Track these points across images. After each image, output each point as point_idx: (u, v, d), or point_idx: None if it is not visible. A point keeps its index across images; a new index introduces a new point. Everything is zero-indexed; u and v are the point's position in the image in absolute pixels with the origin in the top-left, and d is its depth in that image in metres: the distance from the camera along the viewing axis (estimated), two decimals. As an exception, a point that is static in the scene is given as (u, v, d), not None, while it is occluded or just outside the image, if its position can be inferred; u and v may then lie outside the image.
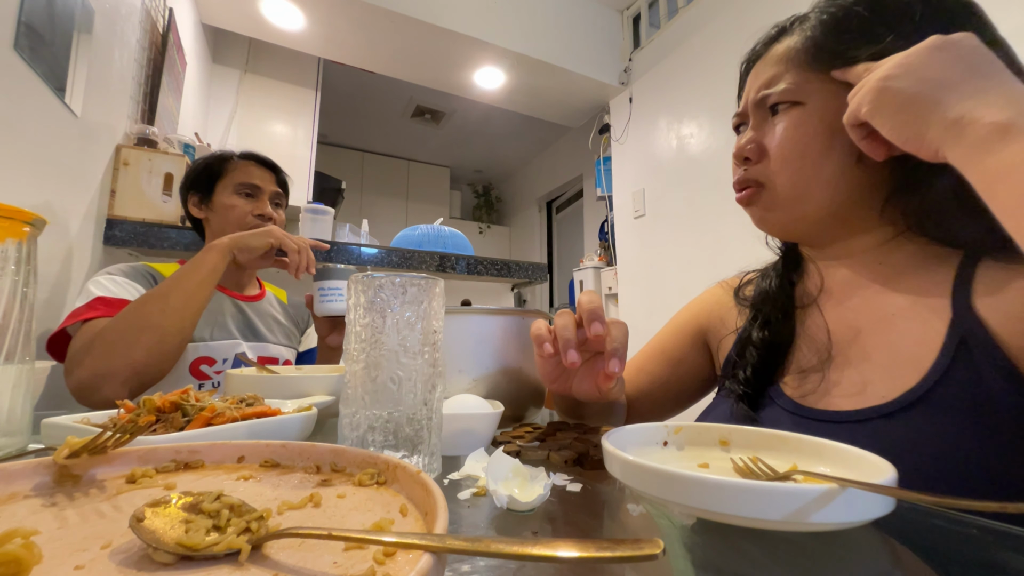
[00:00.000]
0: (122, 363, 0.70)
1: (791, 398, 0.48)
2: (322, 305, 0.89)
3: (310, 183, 2.75)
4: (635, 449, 0.35)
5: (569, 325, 0.45)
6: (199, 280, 0.79)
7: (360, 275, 0.36)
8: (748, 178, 0.51)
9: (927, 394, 0.39)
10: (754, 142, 0.50)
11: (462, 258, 1.62)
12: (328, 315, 0.91)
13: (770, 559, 0.24)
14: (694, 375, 0.64)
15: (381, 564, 0.17)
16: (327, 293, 0.90)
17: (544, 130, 4.14)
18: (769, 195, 0.50)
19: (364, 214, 3.39)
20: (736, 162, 0.53)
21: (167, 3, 1.65)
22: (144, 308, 0.74)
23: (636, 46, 2.71)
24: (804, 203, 0.48)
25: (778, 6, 0.80)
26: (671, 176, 2.40)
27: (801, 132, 0.47)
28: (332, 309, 0.90)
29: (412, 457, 0.34)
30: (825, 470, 0.30)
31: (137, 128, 1.34)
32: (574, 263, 3.28)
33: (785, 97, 0.47)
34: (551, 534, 0.27)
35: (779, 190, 0.49)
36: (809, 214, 0.49)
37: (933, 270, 0.45)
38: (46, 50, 0.88)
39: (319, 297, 0.90)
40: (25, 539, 0.17)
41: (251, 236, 0.85)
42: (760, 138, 0.50)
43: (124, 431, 0.28)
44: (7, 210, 0.38)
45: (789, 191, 0.48)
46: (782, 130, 0.48)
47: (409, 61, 2.50)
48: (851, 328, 0.48)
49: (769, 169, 0.49)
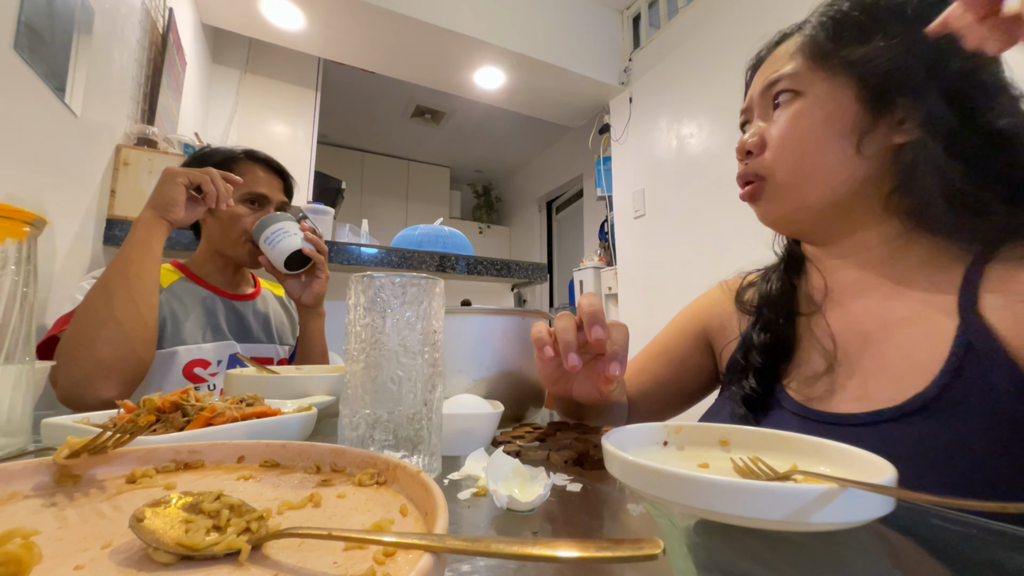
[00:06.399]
0: (91, 364, 0.67)
1: (798, 401, 0.48)
2: (275, 250, 0.83)
3: (310, 183, 2.75)
4: (635, 449, 0.35)
5: (569, 328, 0.44)
6: (136, 259, 0.73)
7: (360, 275, 0.36)
8: (749, 171, 0.52)
9: (935, 399, 0.39)
10: (756, 135, 0.51)
11: (462, 258, 1.62)
12: (286, 256, 0.86)
13: (770, 559, 0.24)
14: (696, 375, 0.64)
15: (381, 564, 0.17)
16: (271, 238, 0.85)
17: (544, 130, 4.14)
18: (771, 187, 0.50)
19: (364, 214, 3.39)
20: (738, 157, 0.53)
21: (167, 3, 1.65)
22: (92, 304, 0.70)
23: (636, 46, 2.71)
24: (805, 192, 0.49)
25: (778, 6, 0.80)
26: (671, 176, 2.40)
27: (800, 122, 0.48)
28: (287, 247, 0.84)
29: (412, 457, 0.34)
30: (825, 470, 0.30)
31: (137, 128, 1.34)
32: (574, 263, 3.28)
33: (789, 83, 0.49)
34: (551, 534, 0.27)
35: (779, 180, 0.49)
36: (811, 204, 0.49)
37: (941, 271, 0.45)
38: (46, 50, 0.88)
39: (267, 248, 0.85)
40: (25, 539, 0.17)
41: (162, 189, 0.77)
42: (762, 131, 0.51)
43: (124, 431, 0.28)
44: (7, 210, 0.38)
45: (789, 180, 0.49)
46: (782, 121, 0.49)
47: (409, 61, 2.50)
48: (858, 332, 0.48)
49: (770, 161, 0.50)
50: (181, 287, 0.91)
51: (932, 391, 0.40)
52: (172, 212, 0.76)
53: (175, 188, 0.76)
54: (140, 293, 0.73)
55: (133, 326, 0.71)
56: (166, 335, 0.84)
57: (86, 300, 0.71)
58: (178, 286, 0.91)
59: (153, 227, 0.76)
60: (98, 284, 0.72)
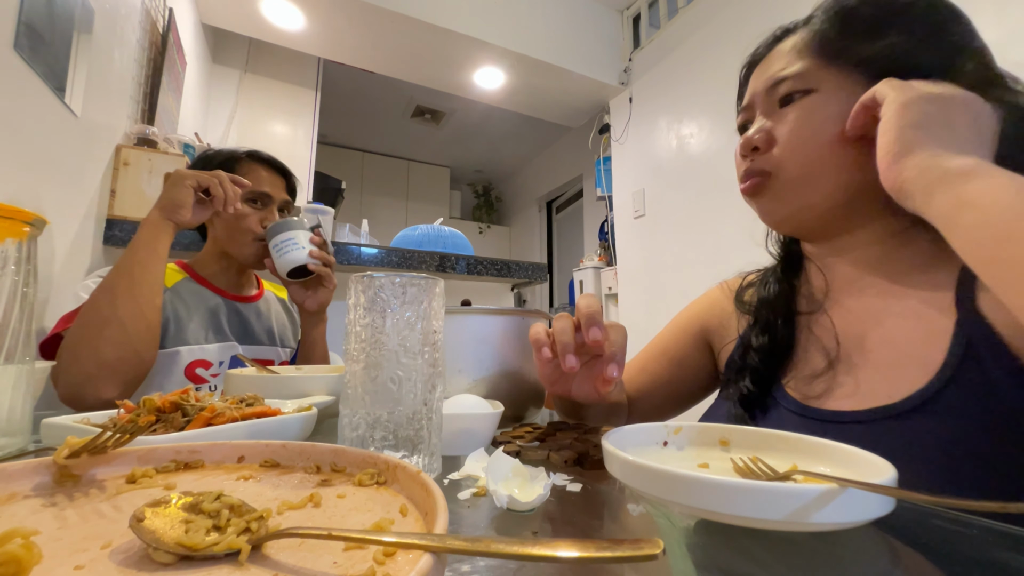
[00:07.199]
0: (94, 364, 0.67)
1: (797, 400, 0.48)
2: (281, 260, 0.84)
3: (310, 183, 2.75)
4: (635, 449, 0.35)
5: (567, 329, 0.44)
6: (141, 261, 0.73)
7: (360, 275, 0.36)
8: (755, 168, 0.50)
9: (935, 396, 0.39)
10: (763, 131, 0.50)
11: (462, 258, 1.62)
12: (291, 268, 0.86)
13: (770, 559, 0.24)
14: (696, 375, 0.64)
15: (381, 564, 0.17)
16: (280, 247, 0.86)
17: (544, 130, 4.14)
18: (777, 183, 0.49)
19: (364, 214, 3.38)
20: (743, 153, 0.52)
21: (167, 3, 1.65)
22: (96, 304, 0.70)
23: (636, 46, 2.71)
24: (813, 190, 0.48)
25: (778, 6, 0.81)
26: (671, 176, 2.40)
27: (815, 117, 0.47)
28: (292, 260, 0.84)
29: (412, 457, 0.34)
30: (825, 470, 0.30)
31: (137, 128, 1.34)
32: (574, 263, 3.28)
33: (799, 82, 0.48)
34: (551, 534, 0.27)
35: (788, 177, 0.48)
36: (817, 203, 0.48)
37: (939, 267, 0.45)
38: (46, 50, 0.88)
39: (276, 255, 0.85)
40: (25, 539, 0.17)
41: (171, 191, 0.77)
42: (769, 128, 0.50)
43: (124, 431, 0.28)
44: (7, 210, 0.38)
45: (797, 177, 0.48)
46: (794, 117, 0.48)
47: (409, 61, 2.50)
48: (857, 329, 0.48)
49: (778, 157, 0.49)
50: (185, 287, 0.91)
51: (932, 388, 0.40)
52: (179, 214, 0.77)
53: (183, 190, 0.77)
54: (144, 294, 0.73)
55: (136, 327, 0.71)
56: (169, 335, 0.85)
57: (90, 300, 0.71)
58: (182, 286, 0.91)
59: (160, 228, 0.76)
60: (103, 284, 0.72)
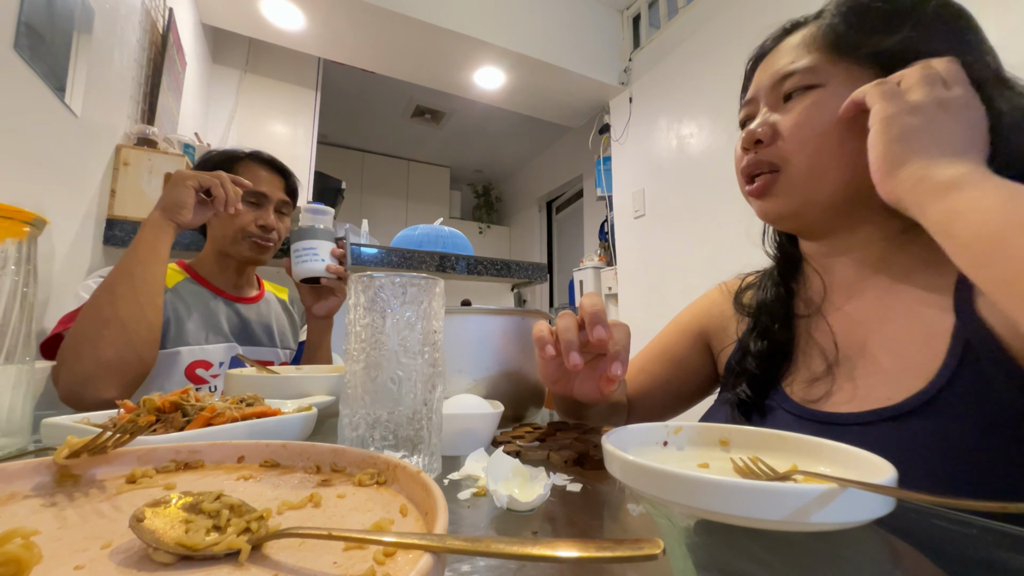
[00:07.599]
0: (93, 365, 0.67)
1: (796, 402, 0.48)
2: (298, 267, 0.86)
3: (310, 183, 2.75)
4: (635, 449, 0.35)
5: (571, 327, 0.44)
6: (142, 261, 0.74)
7: (360, 275, 0.36)
8: (761, 160, 0.49)
9: (934, 398, 0.39)
10: (767, 124, 0.49)
11: (462, 258, 1.62)
12: (305, 277, 0.88)
13: (770, 559, 0.24)
14: (695, 376, 0.64)
15: (381, 564, 0.17)
16: (301, 254, 0.87)
17: (544, 130, 4.14)
18: (784, 179, 0.49)
19: (364, 214, 3.38)
20: (745, 145, 0.51)
21: (167, 3, 1.65)
22: (97, 304, 0.70)
23: (636, 46, 2.71)
24: (820, 185, 0.47)
25: (779, 6, 0.80)
26: (671, 176, 2.40)
27: (823, 112, 0.46)
28: (307, 270, 0.86)
29: (412, 457, 0.34)
30: (825, 470, 0.30)
31: (137, 128, 1.34)
32: (574, 263, 3.28)
33: (806, 78, 0.47)
34: (551, 534, 0.27)
35: (795, 170, 0.48)
36: (821, 199, 0.48)
37: (937, 270, 0.45)
38: (46, 50, 0.88)
39: (294, 258, 0.87)
40: (25, 539, 0.17)
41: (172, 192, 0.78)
42: (774, 121, 0.49)
43: (124, 431, 0.28)
44: (7, 210, 0.38)
45: (805, 170, 0.47)
46: (801, 110, 0.47)
47: (409, 61, 2.50)
48: (856, 332, 0.47)
49: (784, 150, 0.48)
50: (186, 288, 0.92)
51: (931, 390, 0.40)
52: (180, 215, 0.77)
53: (185, 191, 0.77)
54: (145, 294, 0.73)
55: (137, 327, 0.71)
56: (169, 335, 0.85)
57: (91, 300, 0.71)
58: (183, 287, 0.91)
59: (161, 229, 0.76)
60: (104, 284, 0.72)
